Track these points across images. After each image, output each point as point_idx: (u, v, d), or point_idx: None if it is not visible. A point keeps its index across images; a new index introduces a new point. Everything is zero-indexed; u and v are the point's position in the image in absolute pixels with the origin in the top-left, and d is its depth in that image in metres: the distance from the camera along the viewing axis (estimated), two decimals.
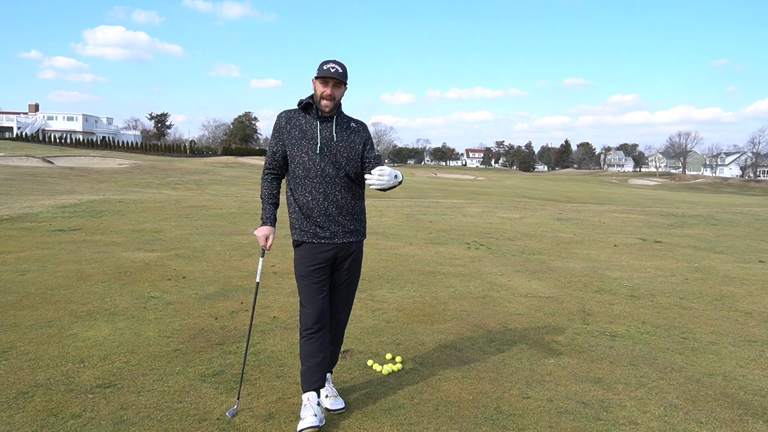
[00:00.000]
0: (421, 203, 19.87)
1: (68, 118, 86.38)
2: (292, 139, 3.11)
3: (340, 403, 3.16)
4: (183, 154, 73.95)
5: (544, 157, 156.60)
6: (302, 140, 3.09)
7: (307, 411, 2.96)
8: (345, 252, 3.19)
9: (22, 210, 12.26)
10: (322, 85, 3.07)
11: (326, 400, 3.16)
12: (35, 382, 3.35)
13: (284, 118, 3.15)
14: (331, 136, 3.12)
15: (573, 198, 32.93)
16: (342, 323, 3.35)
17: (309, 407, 2.98)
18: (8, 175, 26.50)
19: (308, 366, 3.09)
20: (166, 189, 24.66)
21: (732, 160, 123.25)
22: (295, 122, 3.13)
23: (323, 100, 3.07)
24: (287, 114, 3.17)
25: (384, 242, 9.53)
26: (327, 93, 3.07)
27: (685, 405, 3.37)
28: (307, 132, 3.11)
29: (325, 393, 3.18)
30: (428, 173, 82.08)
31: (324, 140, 3.10)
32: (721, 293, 6.47)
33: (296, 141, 3.10)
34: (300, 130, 3.11)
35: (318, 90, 3.09)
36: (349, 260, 3.22)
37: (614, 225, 13.94)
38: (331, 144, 3.11)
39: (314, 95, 3.12)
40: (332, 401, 3.15)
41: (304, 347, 3.12)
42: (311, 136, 3.10)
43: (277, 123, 3.16)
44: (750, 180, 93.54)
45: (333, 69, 3.04)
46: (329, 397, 3.17)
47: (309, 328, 3.13)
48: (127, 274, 6.36)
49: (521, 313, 5.32)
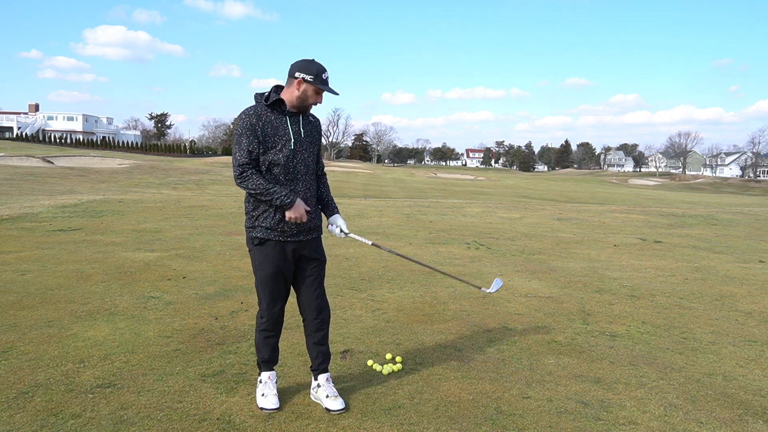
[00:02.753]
0: (421, 203, 19.86)
1: (68, 118, 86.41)
2: (266, 136, 3.03)
3: (340, 403, 3.16)
4: (183, 154, 73.93)
5: (544, 157, 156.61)
6: (275, 137, 3.05)
7: (269, 388, 3.19)
8: (309, 249, 3.21)
9: (22, 210, 12.26)
10: (315, 93, 3.06)
11: (327, 400, 3.16)
12: (35, 382, 3.36)
13: (254, 116, 3.02)
14: (299, 131, 3.13)
15: (573, 198, 32.93)
16: (326, 319, 3.32)
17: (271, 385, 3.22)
18: (8, 175, 26.51)
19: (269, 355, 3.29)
20: (166, 189, 24.66)
21: (732, 160, 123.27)
22: (266, 119, 3.05)
23: (311, 106, 3.10)
24: (255, 111, 3.05)
25: (384, 242, 9.53)
26: (319, 102, 3.11)
27: (685, 405, 3.38)
28: (279, 128, 3.07)
29: (325, 393, 3.19)
30: (428, 173, 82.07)
31: (296, 136, 3.10)
32: (721, 293, 6.47)
33: (269, 138, 3.04)
34: (272, 127, 3.05)
35: (310, 97, 3.06)
36: (312, 256, 3.22)
37: (614, 225, 13.95)
38: (301, 140, 3.12)
39: (300, 98, 3.07)
40: (332, 401, 3.15)
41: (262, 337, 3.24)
42: (283, 132, 3.07)
43: (247, 121, 3.01)
44: (750, 180, 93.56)
45: (328, 81, 3.07)
46: (330, 397, 3.17)
47: (269, 330, 3.20)
48: (127, 274, 6.36)
49: (521, 313, 5.32)
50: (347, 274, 6.72)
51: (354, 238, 3.40)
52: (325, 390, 3.20)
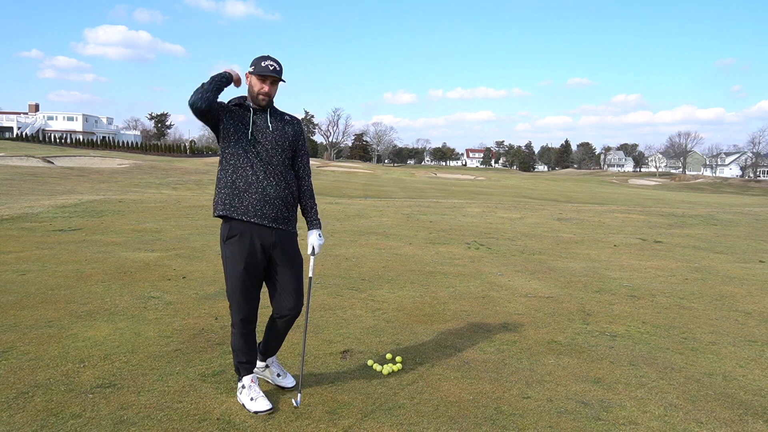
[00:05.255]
0: (421, 203, 19.86)
1: (68, 118, 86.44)
2: (227, 121, 3.09)
3: (290, 380, 3.45)
4: (183, 154, 73.90)
5: (544, 157, 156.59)
6: (239, 124, 3.11)
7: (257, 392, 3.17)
8: (284, 244, 3.17)
9: (22, 210, 12.26)
10: (259, 81, 3.08)
11: (278, 378, 3.43)
12: (35, 382, 3.36)
13: (223, 103, 3.12)
14: (265, 125, 3.15)
15: (573, 198, 32.92)
16: (295, 314, 3.27)
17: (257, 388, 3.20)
18: (8, 175, 26.50)
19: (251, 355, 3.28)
20: (166, 189, 24.65)
21: (732, 160, 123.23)
22: (233, 110, 3.13)
23: (260, 95, 3.10)
24: (223, 105, 3.13)
25: (384, 242, 9.54)
26: (265, 90, 3.09)
27: (685, 405, 3.38)
28: (242, 119, 3.12)
29: (276, 372, 3.44)
30: (428, 173, 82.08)
31: (257, 127, 3.12)
32: (721, 293, 6.47)
33: (230, 126, 3.09)
34: (235, 117, 3.11)
35: (255, 86, 3.09)
36: (281, 248, 3.18)
37: (614, 225, 13.95)
38: (266, 133, 3.13)
39: (249, 91, 3.14)
40: (284, 379, 3.44)
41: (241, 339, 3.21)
42: (245, 123, 3.12)
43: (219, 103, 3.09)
44: (750, 180, 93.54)
45: (272, 67, 3.07)
46: (281, 376, 3.44)
47: (247, 320, 3.18)
48: (127, 274, 6.36)
49: (521, 313, 5.32)
50: (347, 274, 6.72)
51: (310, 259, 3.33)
52: (277, 368, 3.45)
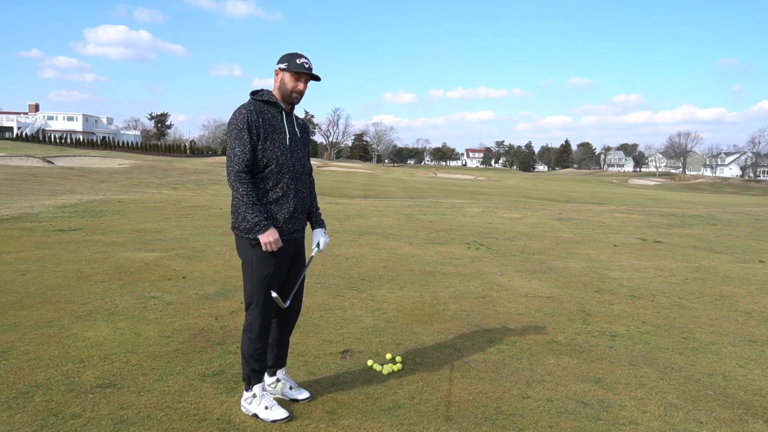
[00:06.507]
0: (421, 203, 19.86)
1: (68, 118, 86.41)
2: (265, 133, 2.97)
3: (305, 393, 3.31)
4: (183, 154, 73.93)
5: (544, 157, 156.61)
6: (273, 134, 3.00)
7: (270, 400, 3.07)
8: (298, 248, 3.23)
9: (22, 210, 12.26)
10: (294, 79, 3.00)
11: (291, 391, 3.28)
12: (35, 382, 3.36)
13: (254, 112, 2.95)
14: (294, 131, 3.12)
15: (573, 198, 32.92)
16: (296, 317, 3.35)
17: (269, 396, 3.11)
18: (8, 175, 26.50)
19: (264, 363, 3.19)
20: (166, 189, 24.65)
21: (732, 160, 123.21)
22: (264, 115, 2.99)
23: (293, 93, 3.03)
24: (256, 107, 2.98)
25: (384, 242, 9.54)
26: (300, 88, 3.02)
27: (685, 405, 3.38)
28: (276, 125, 3.03)
29: (288, 385, 3.30)
30: (428, 173, 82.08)
31: (291, 134, 3.09)
32: (721, 293, 6.47)
33: (269, 135, 2.98)
34: (270, 124, 3.01)
35: (288, 84, 3.01)
36: (298, 254, 3.24)
37: (614, 225, 13.94)
38: (296, 139, 3.12)
39: (280, 88, 3.03)
40: (297, 392, 3.30)
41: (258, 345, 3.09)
42: (280, 129, 3.04)
43: (247, 117, 2.92)
44: (750, 180, 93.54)
45: (307, 65, 3.01)
46: (293, 389, 3.30)
47: (266, 326, 3.13)
48: (127, 274, 6.36)
49: (521, 313, 5.32)
50: (347, 274, 6.72)
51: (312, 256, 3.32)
52: (288, 381, 3.31)
